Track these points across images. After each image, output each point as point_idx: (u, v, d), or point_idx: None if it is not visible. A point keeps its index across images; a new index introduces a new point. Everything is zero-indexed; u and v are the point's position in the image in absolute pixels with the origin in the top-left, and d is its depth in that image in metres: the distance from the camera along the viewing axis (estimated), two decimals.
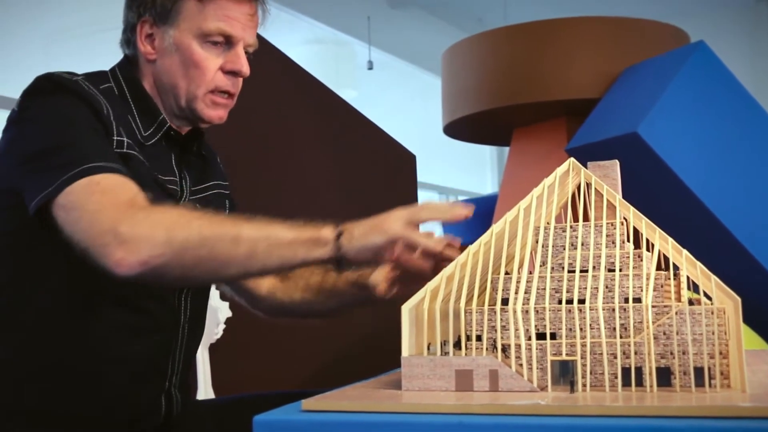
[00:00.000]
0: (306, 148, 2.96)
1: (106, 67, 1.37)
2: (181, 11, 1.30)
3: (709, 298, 0.99)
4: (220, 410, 1.51)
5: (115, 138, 1.24)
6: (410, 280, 1.35)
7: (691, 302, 1.02)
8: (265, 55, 2.74)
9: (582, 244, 1.09)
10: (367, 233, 1.15)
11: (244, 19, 1.33)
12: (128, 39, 1.36)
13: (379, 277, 1.30)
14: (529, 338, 0.98)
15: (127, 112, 1.31)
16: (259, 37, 1.38)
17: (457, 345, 1.06)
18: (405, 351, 1.02)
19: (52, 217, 1.15)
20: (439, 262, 1.20)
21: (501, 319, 1.01)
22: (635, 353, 0.96)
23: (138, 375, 1.30)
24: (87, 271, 1.15)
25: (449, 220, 1.19)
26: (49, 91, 1.23)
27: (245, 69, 1.34)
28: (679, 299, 1.06)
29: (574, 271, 1.05)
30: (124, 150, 1.24)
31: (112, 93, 1.31)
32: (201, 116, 1.34)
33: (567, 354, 0.98)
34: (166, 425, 1.36)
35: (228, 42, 1.32)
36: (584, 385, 0.96)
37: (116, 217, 1.11)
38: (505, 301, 1.04)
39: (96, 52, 1.39)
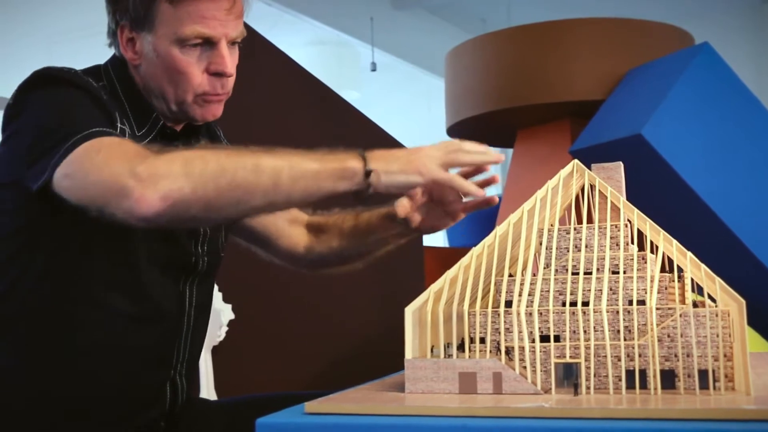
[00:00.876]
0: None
1: None
2: (156, 16, 1.26)
3: (713, 300, 0.99)
4: (223, 411, 1.50)
5: (119, 126, 1.24)
6: (441, 214, 1.36)
7: (695, 304, 1.02)
8: (268, 56, 2.74)
9: (586, 247, 1.09)
10: (402, 171, 1.15)
11: (221, 16, 1.27)
12: (112, 43, 1.34)
13: (407, 207, 1.30)
14: (533, 341, 0.98)
15: (121, 111, 1.29)
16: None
17: (461, 347, 1.06)
18: (408, 353, 1.01)
19: (57, 196, 1.12)
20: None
21: (504, 322, 1.01)
22: (639, 356, 0.95)
23: (143, 363, 1.30)
24: (90, 259, 1.16)
25: (483, 164, 1.24)
26: (46, 83, 1.22)
27: (229, 69, 1.30)
28: (683, 301, 1.06)
29: (577, 274, 1.05)
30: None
31: (104, 91, 1.29)
32: (195, 117, 1.32)
33: (571, 356, 0.97)
34: (171, 413, 1.36)
35: (208, 42, 1.28)
36: (588, 388, 0.95)
37: (129, 161, 1.08)
38: (508, 304, 1.04)
39: (98, 53, 1.38)
